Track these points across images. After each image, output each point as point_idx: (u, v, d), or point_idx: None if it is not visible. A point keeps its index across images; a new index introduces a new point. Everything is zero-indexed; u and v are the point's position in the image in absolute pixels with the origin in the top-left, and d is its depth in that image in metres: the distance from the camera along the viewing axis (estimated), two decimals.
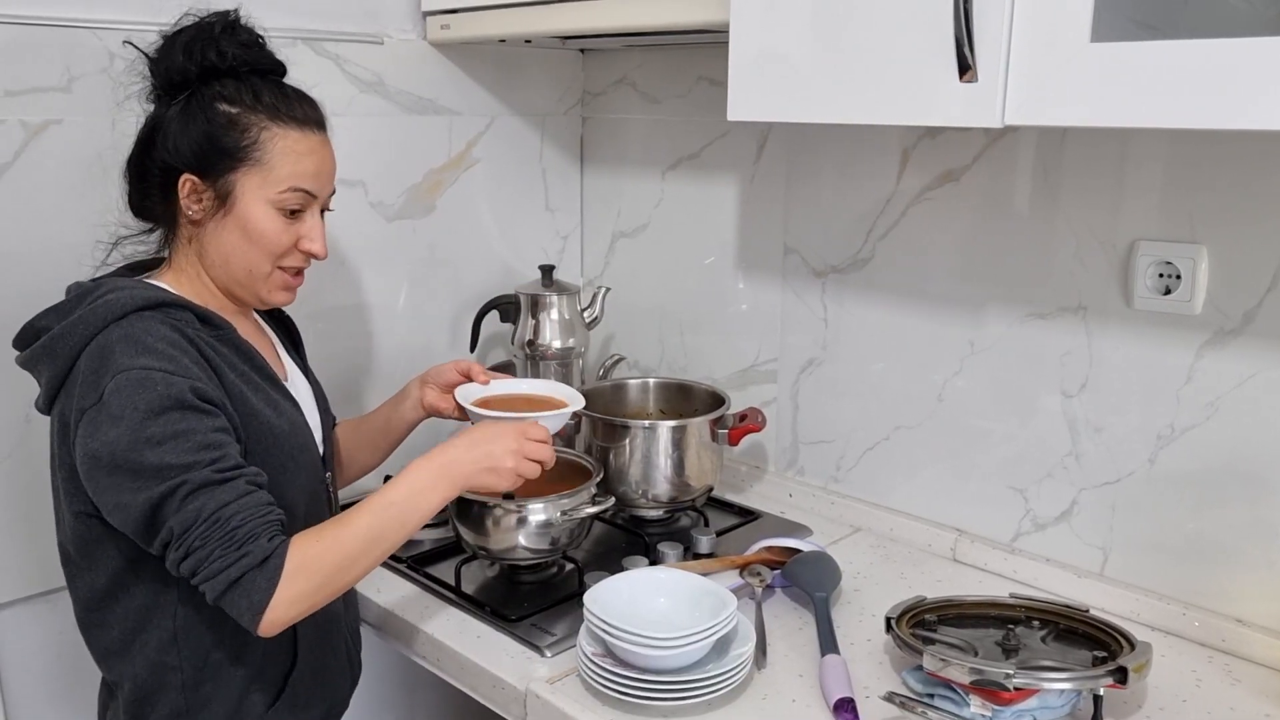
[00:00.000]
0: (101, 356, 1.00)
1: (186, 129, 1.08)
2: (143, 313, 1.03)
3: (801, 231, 1.62)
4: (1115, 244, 1.27)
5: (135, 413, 0.96)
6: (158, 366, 0.99)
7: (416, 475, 1.09)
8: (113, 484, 0.97)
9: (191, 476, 0.96)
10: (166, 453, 0.96)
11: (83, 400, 0.99)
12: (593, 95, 1.92)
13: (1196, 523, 1.25)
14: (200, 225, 1.11)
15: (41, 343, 1.05)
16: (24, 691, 1.41)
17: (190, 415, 0.99)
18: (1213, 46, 0.85)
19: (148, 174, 1.11)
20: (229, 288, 1.15)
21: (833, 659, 1.15)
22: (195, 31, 1.10)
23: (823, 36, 1.13)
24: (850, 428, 1.60)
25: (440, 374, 1.36)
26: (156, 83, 1.11)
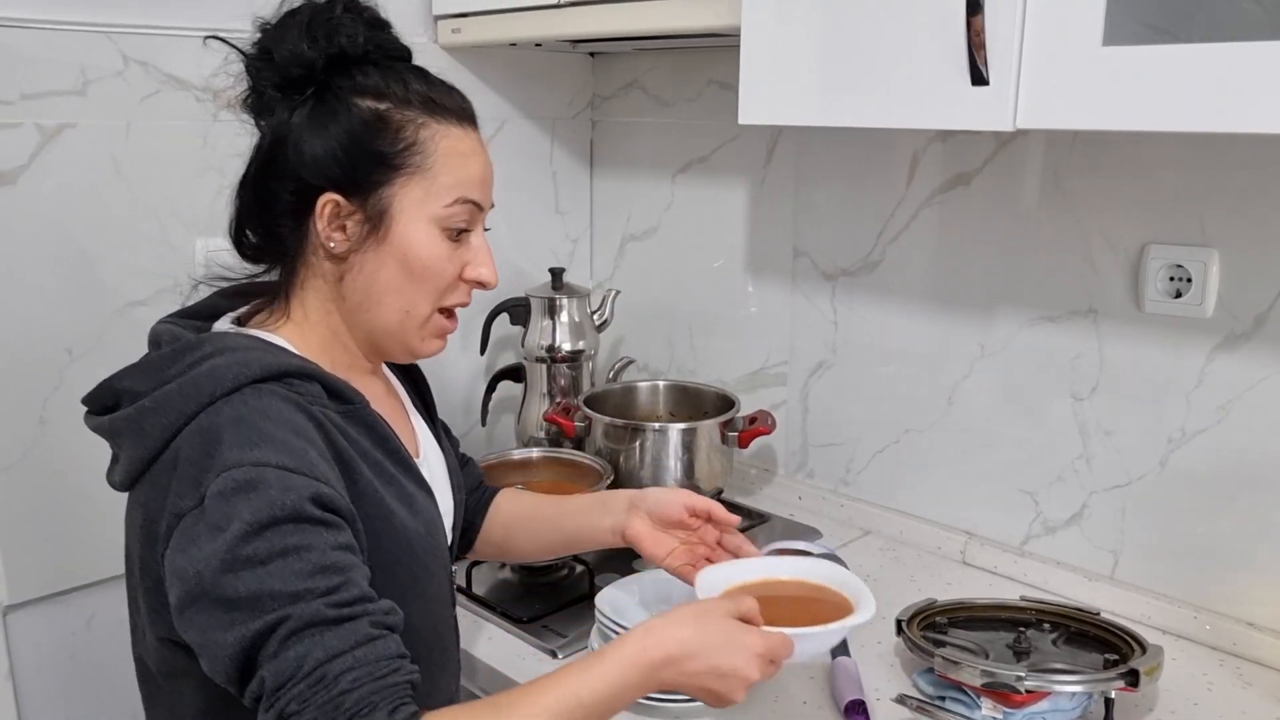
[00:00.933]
0: (206, 445, 0.78)
1: (322, 134, 0.86)
2: (260, 386, 0.81)
3: (811, 234, 1.62)
4: (1126, 247, 1.28)
5: (238, 523, 0.74)
6: (274, 461, 0.77)
7: (627, 669, 0.79)
8: (200, 616, 0.75)
9: (297, 611, 0.73)
10: (269, 576, 0.73)
11: (179, 500, 0.78)
12: (603, 99, 1.93)
13: (1207, 526, 1.25)
14: (342, 260, 0.89)
15: (125, 414, 0.83)
16: (37, 692, 1.41)
17: (307, 529, 0.76)
18: (1225, 50, 0.86)
19: (274, 200, 0.88)
20: (373, 338, 0.93)
21: (844, 661, 1.15)
22: (313, 12, 0.88)
23: (834, 40, 1.13)
24: (860, 430, 1.61)
25: (661, 507, 1.06)
26: (267, 81, 0.88)
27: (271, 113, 0.88)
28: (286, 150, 0.87)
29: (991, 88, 1.00)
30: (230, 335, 0.87)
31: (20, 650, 1.39)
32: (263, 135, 0.89)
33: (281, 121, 0.87)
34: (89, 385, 1.36)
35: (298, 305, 0.92)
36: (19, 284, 1.31)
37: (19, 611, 1.38)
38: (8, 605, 1.36)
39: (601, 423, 1.54)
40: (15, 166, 1.29)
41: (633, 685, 0.79)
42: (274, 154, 0.88)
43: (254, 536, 0.74)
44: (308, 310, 0.92)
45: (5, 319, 1.30)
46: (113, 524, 1.42)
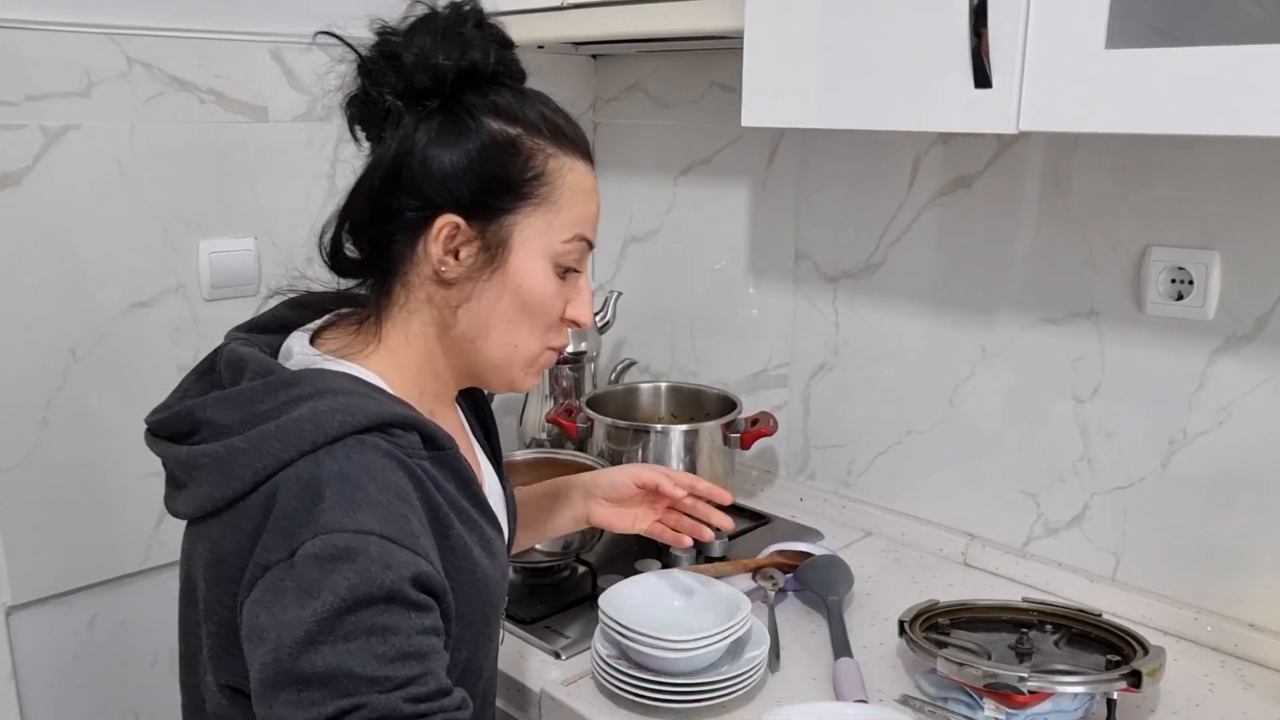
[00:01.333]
0: (305, 499, 0.74)
1: (451, 151, 0.82)
2: (364, 437, 0.77)
3: (813, 236, 1.63)
4: (1127, 249, 1.28)
5: (330, 594, 0.70)
6: (377, 530, 0.73)
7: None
8: (274, 686, 0.71)
9: (374, 701, 0.70)
10: (351, 655, 0.70)
11: (267, 553, 0.74)
12: (605, 101, 1.93)
13: (1209, 527, 1.26)
14: (450, 285, 0.85)
15: (211, 450, 0.78)
16: (40, 692, 1.41)
17: (397, 610, 0.72)
18: (1227, 53, 0.86)
19: (391, 215, 0.83)
20: (475, 369, 0.90)
21: (846, 662, 1.16)
22: (446, 23, 0.84)
23: (837, 43, 1.14)
24: (861, 432, 1.61)
25: (615, 490, 1.13)
26: (390, 87, 0.83)
27: (395, 122, 0.83)
28: (413, 163, 0.82)
29: (995, 90, 1.01)
30: (329, 374, 0.81)
31: (23, 651, 1.39)
32: (385, 145, 0.83)
33: (408, 133, 0.82)
34: (92, 386, 1.38)
35: (393, 329, 0.86)
36: (22, 285, 1.31)
37: (22, 612, 1.38)
38: (11, 606, 1.37)
39: (604, 424, 1.54)
40: (20, 168, 1.29)
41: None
42: (398, 166, 0.82)
43: (345, 612, 0.70)
44: (407, 334, 0.86)
45: (8, 320, 1.31)
46: (114, 525, 1.43)
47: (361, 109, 0.85)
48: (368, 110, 0.84)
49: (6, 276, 1.30)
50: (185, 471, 0.81)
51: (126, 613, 1.48)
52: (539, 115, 0.86)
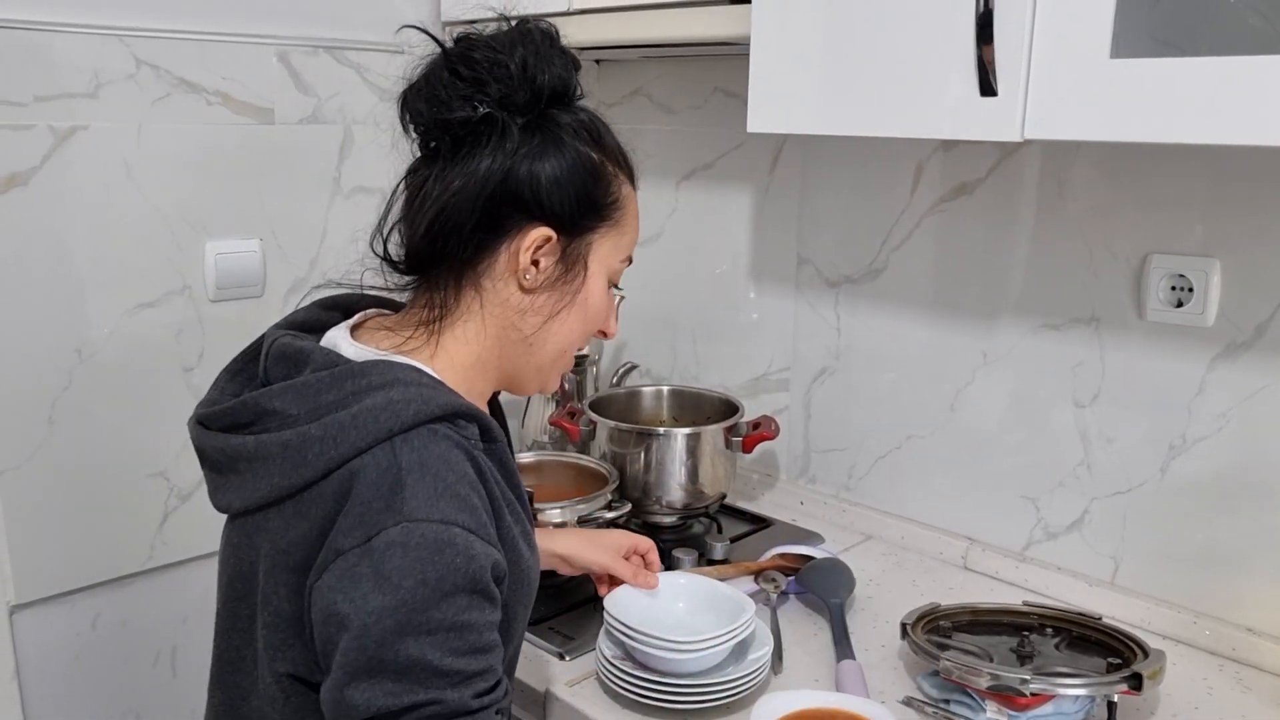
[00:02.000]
0: (386, 487, 0.75)
1: (551, 167, 0.85)
2: (435, 427, 0.79)
3: (815, 242, 1.64)
4: (1128, 256, 1.29)
5: (421, 587, 0.72)
6: (460, 521, 0.75)
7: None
8: (354, 669, 0.73)
9: (448, 698, 0.73)
10: (434, 649, 0.73)
11: (344, 536, 0.75)
12: (608, 105, 1.94)
13: (1207, 532, 1.27)
14: (528, 292, 0.88)
15: (283, 438, 0.78)
16: (42, 691, 1.42)
17: (477, 603, 0.76)
18: (1231, 64, 0.87)
19: (496, 221, 0.85)
20: (520, 372, 0.92)
21: (849, 664, 1.17)
22: (541, 39, 0.86)
23: (842, 50, 1.15)
24: (862, 436, 1.62)
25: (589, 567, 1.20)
26: (487, 96, 0.84)
27: (500, 132, 0.84)
28: (519, 174, 0.84)
29: (1000, 99, 1.02)
30: (396, 366, 0.82)
31: (26, 650, 1.39)
32: (489, 154, 0.84)
33: (514, 144, 0.84)
34: (97, 386, 1.38)
35: (453, 329, 0.88)
36: (29, 284, 1.32)
37: (25, 611, 1.38)
38: (14, 605, 1.37)
39: (606, 427, 1.55)
40: (28, 168, 1.30)
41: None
42: (507, 178, 0.84)
43: (431, 604, 0.73)
44: (468, 334, 0.88)
45: (15, 319, 1.31)
46: (118, 525, 1.44)
47: (444, 111, 0.84)
48: (449, 113, 0.84)
49: (13, 276, 1.30)
50: (246, 461, 0.80)
51: (129, 613, 1.48)
52: (614, 143, 0.92)
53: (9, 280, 1.30)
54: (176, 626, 1.54)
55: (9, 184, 1.28)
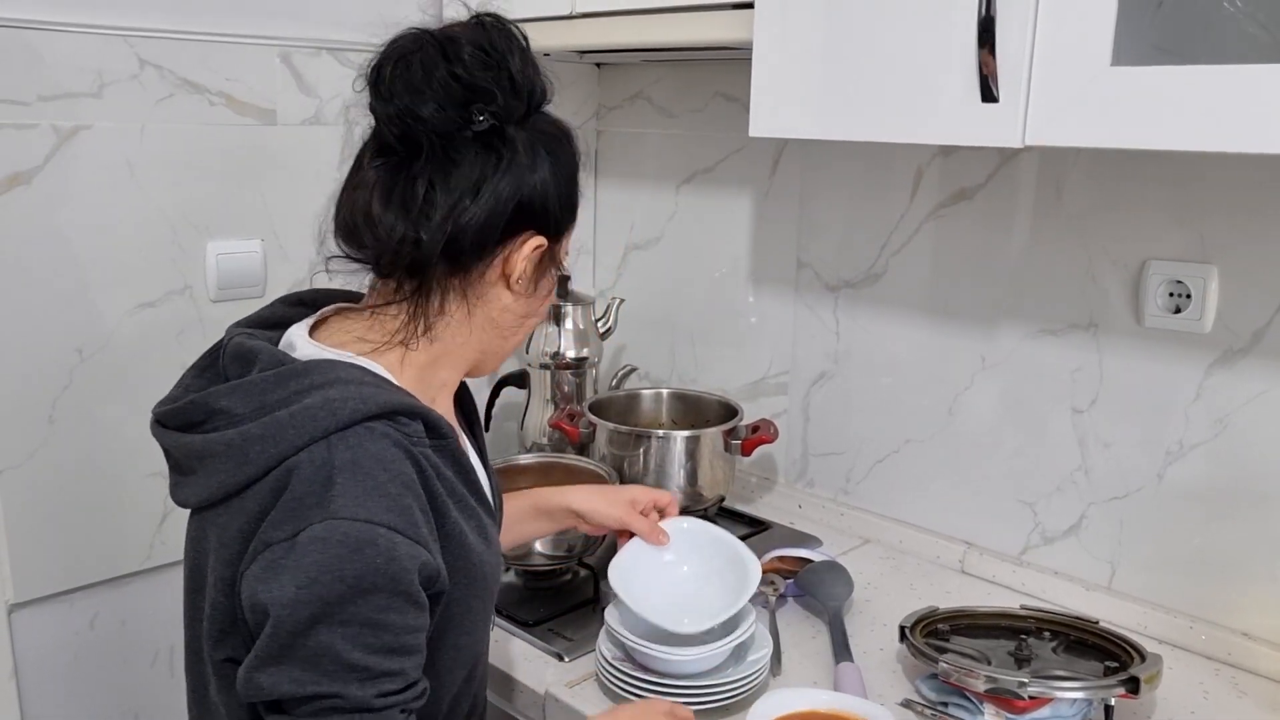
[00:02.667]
0: (317, 484, 0.77)
1: (550, 180, 0.88)
2: (373, 425, 0.80)
3: (815, 246, 1.64)
4: (1126, 263, 1.30)
5: (339, 583, 0.74)
6: (386, 522, 0.76)
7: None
8: (266, 654, 0.76)
9: (350, 694, 0.75)
10: (345, 641, 0.75)
11: (273, 529, 0.77)
12: (608, 109, 1.95)
13: (1203, 538, 1.27)
14: (513, 294, 0.90)
15: (226, 437, 0.81)
16: (40, 690, 1.41)
17: (397, 604, 0.77)
18: (1231, 72, 0.88)
19: (514, 230, 0.87)
20: (485, 361, 0.95)
21: (847, 666, 1.17)
22: (523, 47, 0.87)
23: (844, 55, 1.15)
24: (861, 440, 1.62)
25: (603, 522, 1.18)
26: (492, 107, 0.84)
27: (509, 144, 0.85)
28: (531, 187, 0.86)
29: (1001, 105, 1.02)
30: (339, 365, 0.84)
31: (24, 649, 1.39)
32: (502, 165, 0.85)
33: (521, 159, 0.86)
34: (98, 386, 1.38)
35: (453, 326, 0.89)
36: (31, 283, 1.32)
37: (24, 610, 1.38)
38: (13, 603, 1.37)
39: (606, 429, 1.55)
40: (30, 167, 1.30)
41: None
42: (519, 189, 0.86)
43: (348, 600, 0.75)
44: (447, 335, 0.90)
45: (16, 318, 1.31)
46: (117, 524, 1.44)
47: (439, 116, 0.83)
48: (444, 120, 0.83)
49: (15, 275, 1.30)
50: (197, 459, 0.83)
51: (128, 612, 1.48)
52: (578, 147, 0.93)
53: (10, 279, 1.30)
54: (175, 626, 1.52)
55: (12, 183, 1.28)
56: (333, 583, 0.74)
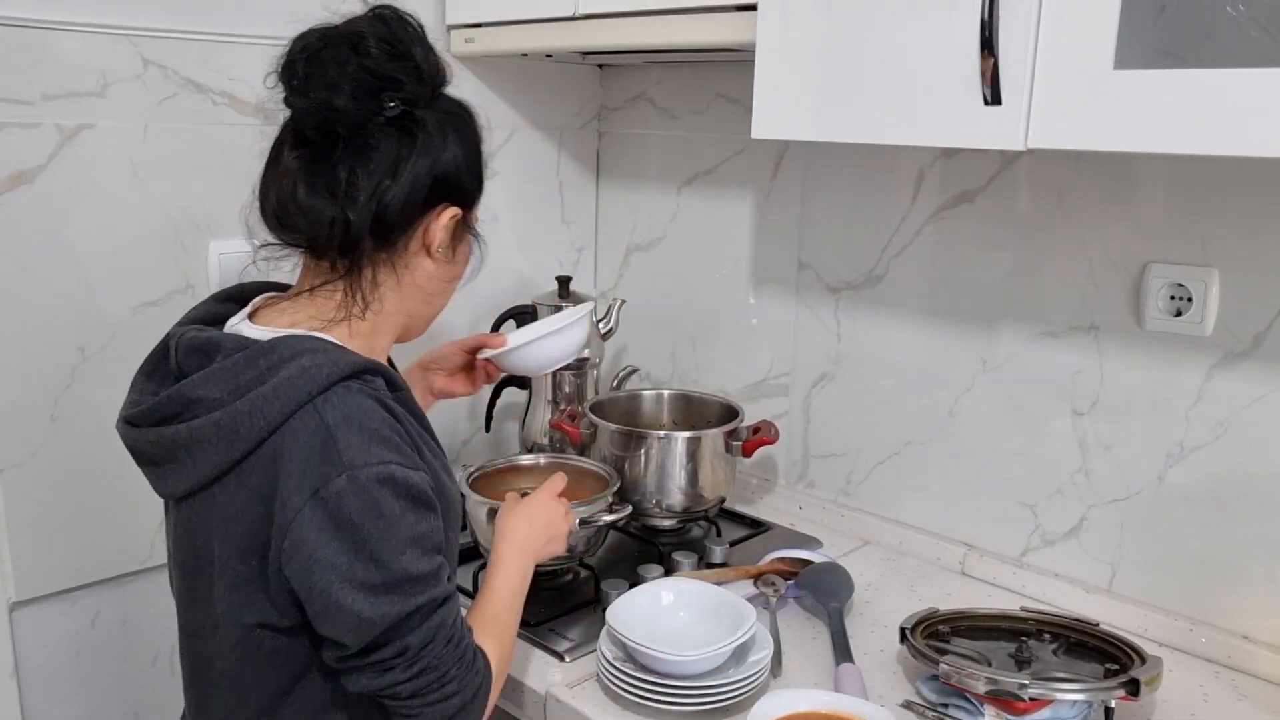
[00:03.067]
0: (319, 443, 0.84)
1: (459, 155, 0.96)
2: (348, 384, 0.87)
3: (816, 248, 1.65)
4: (1128, 265, 1.30)
5: (381, 519, 0.84)
6: (394, 460, 0.86)
7: (516, 560, 1.11)
8: (354, 594, 0.84)
9: (436, 592, 0.89)
10: (414, 561, 0.87)
11: (294, 495, 0.84)
12: (610, 110, 1.95)
13: (1204, 540, 1.28)
14: (435, 261, 0.98)
15: (214, 421, 0.86)
16: (41, 688, 1.42)
17: (425, 515, 0.89)
18: (1233, 76, 0.88)
19: (421, 202, 0.94)
20: (413, 325, 1.03)
21: (848, 667, 1.17)
22: (421, 37, 0.94)
23: (847, 57, 1.16)
24: (861, 442, 1.63)
25: (446, 359, 1.32)
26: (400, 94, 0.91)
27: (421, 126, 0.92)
28: (440, 166, 0.94)
29: (1004, 108, 1.03)
30: (300, 338, 0.90)
31: (25, 647, 1.39)
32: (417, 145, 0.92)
33: (435, 133, 0.93)
34: (100, 385, 1.39)
35: (383, 294, 0.96)
36: (34, 282, 1.32)
37: (25, 609, 1.38)
38: (14, 602, 1.37)
39: (607, 430, 1.56)
40: (34, 166, 1.30)
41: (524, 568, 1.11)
42: (434, 168, 0.93)
43: (394, 528, 0.85)
44: (382, 305, 0.97)
45: (19, 317, 1.31)
46: (119, 523, 1.44)
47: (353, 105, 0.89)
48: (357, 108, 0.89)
49: (18, 274, 1.30)
50: (183, 449, 0.88)
51: (128, 611, 1.48)
52: (480, 124, 1.01)
53: (13, 278, 1.30)
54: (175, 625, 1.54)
55: (15, 182, 1.29)
56: (376, 520, 0.84)
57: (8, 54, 1.26)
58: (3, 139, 1.27)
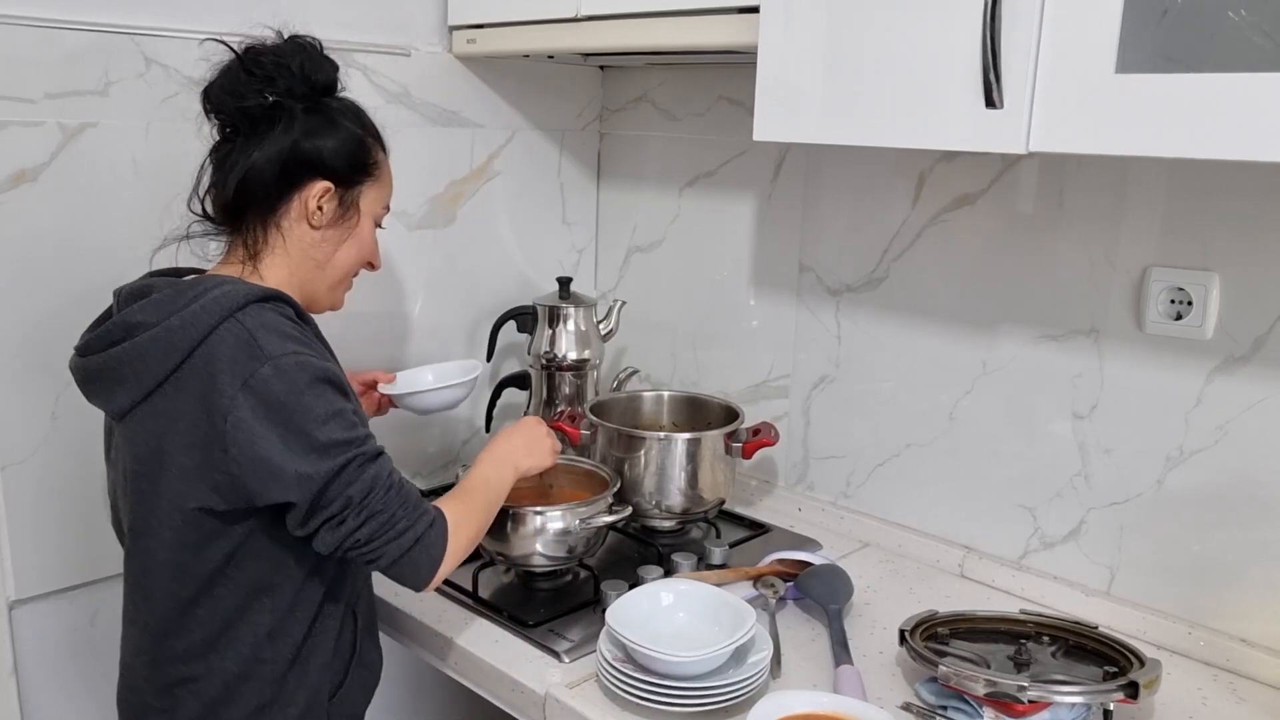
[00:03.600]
0: (243, 343, 1.02)
1: (330, 139, 1.13)
2: (261, 305, 1.06)
3: (817, 250, 1.65)
4: (1128, 269, 1.30)
5: (302, 396, 1.01)
6: (306, 352, 1.04)
7: (491, 463, 1.25)
8: (291, 461, 1.01)
9: (366, 448, 1.05)
10: (338, 430, 1.03)
11: (229, 388, 1.00)
12: (611, 111, 1.95)
13: (1203, 544, 1.28)
14: (316, 229, 1.15)
15: (152, 336, 1.04)
16: (40, 686, 1.42)
17: (341, 396, 1.06)
18: (1235, 80, 0.89)
19: (293, 179, 1.13)
20: (314, 292, 1.20)
21: (847, 669, 1.17)
22: (311, 47, 1.15)
23: (849, 60, 1.16)
24: (861, 444, 1.63)
25: None
26: (275, 89, 1.11)
27: (288, 116, 1.12)
28: (305, 146, 1.12)
29: (1006, 111, 1.03)
30: (218, 276, 1.11)
31: (25, 645, 1.39)
32: (278, 131, 1.11)
33: (298, 123, 1.12)
34: None
35: (264, 259, 1.15)
36: (36, 280, 1.32)
37: (24, 606, 1.38)
38: (14, 600, 1.37)
39: (607, 431, 1.56)
40: (36, 164, 1.30)
41: (503, 471, 1.26)
42: (295, 147, 1.12)
43: (316, 403, 1.02)
44: (275, 264, 1.15)
45: (21, 315, 1.31)
46: None
47: (240, 101, 1.11)
48: (246, 104, 1.11)
49: (20, 273, 1.31)
50: (128, 364, 1.05)
51: None
52: (371, 122, 1.20)
53: (15, 276, 1.30)
54: None
55: (17, 180, 1.29)
56: (299, 394, 1.01)
57: (11, 52, 1.27)
58: (6, 137, 1.27)
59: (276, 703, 1.13)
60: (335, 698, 1.18)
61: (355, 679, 1.21)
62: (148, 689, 1.14)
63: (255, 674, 1.11)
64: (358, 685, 1.22)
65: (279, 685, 1.12)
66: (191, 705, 1.11)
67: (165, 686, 1.12)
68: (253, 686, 1.11)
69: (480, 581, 1.39)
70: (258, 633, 1.10)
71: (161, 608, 1.11)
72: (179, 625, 1.10)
